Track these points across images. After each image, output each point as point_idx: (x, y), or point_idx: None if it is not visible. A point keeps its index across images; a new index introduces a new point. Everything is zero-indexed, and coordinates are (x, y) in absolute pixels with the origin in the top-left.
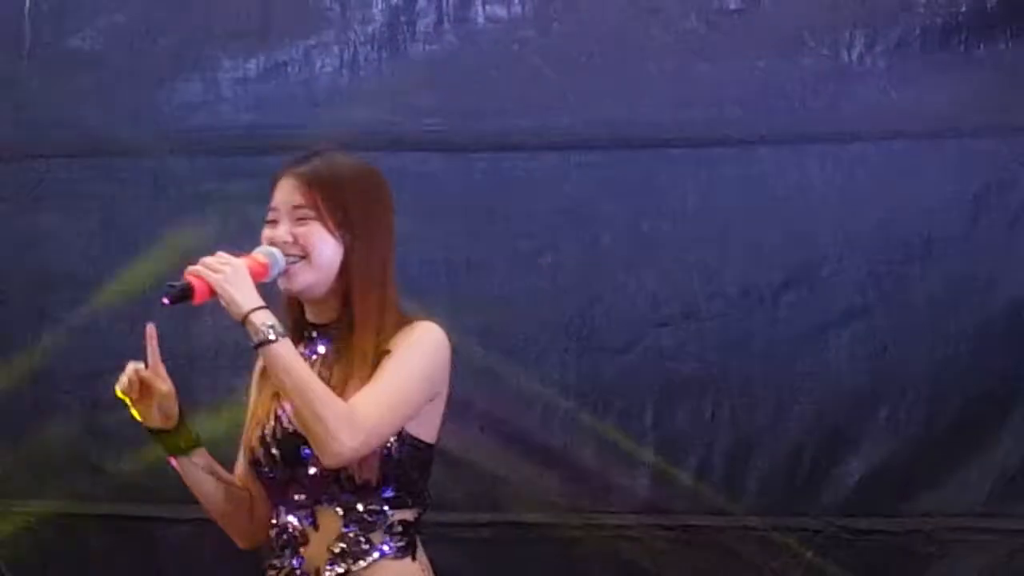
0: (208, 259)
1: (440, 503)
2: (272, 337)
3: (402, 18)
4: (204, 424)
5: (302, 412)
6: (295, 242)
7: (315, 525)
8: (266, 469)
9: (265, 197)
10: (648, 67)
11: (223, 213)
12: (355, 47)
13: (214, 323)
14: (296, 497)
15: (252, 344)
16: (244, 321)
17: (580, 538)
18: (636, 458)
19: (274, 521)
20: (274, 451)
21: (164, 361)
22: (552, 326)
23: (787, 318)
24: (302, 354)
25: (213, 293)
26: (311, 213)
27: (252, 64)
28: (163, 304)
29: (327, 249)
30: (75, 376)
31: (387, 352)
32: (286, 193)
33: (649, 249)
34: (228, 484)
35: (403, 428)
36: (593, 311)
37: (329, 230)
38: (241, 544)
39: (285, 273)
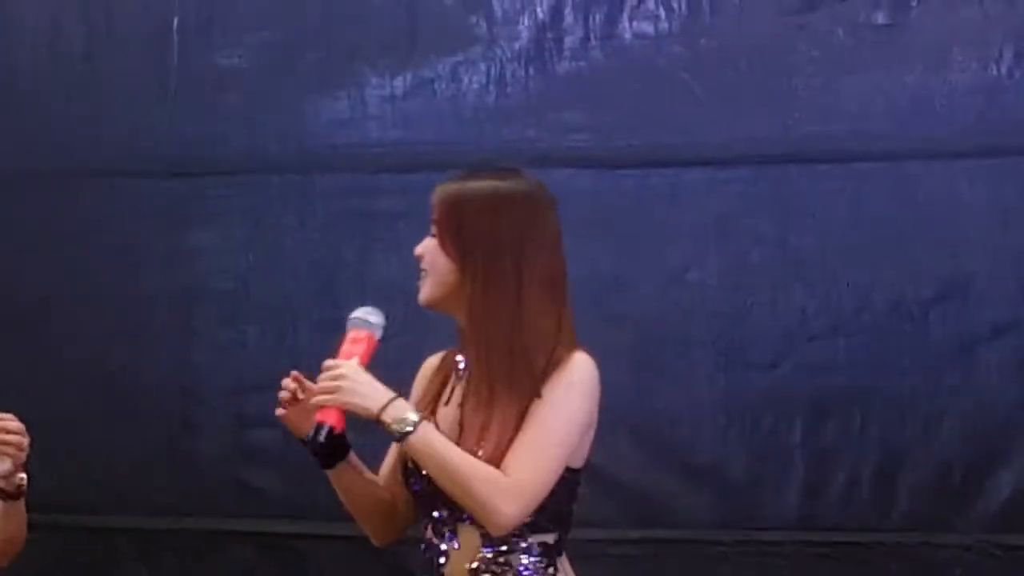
0: (320, 384)
1: (590, 520)
2: (409, 429)
3: (549, 34)
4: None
5: (454, 493)
6: (423, 256)
7: (456, 543)
8: (412, 481)
9: (411, 213)
10: (795, 82)
11: (369, 230)
12: (502, 64)
13: None
14: (438, 514)
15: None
16: (378, 423)
17: (729, 555)
18: (785, 474)
19: (422, 539)
20: (420, 466)
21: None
22: (700, 342)
23: (937, 332)
24: (460, 370)
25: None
26: (435, 229)
27: (399, 81)
28: (317, 456)
29: (440, 265)
30: (223, 392)
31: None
32: (433, 206)
33: (797, 264)
34: (373, 485)
35: None
36: (741, 327)
37: (444, 247)
38: (375, 541)
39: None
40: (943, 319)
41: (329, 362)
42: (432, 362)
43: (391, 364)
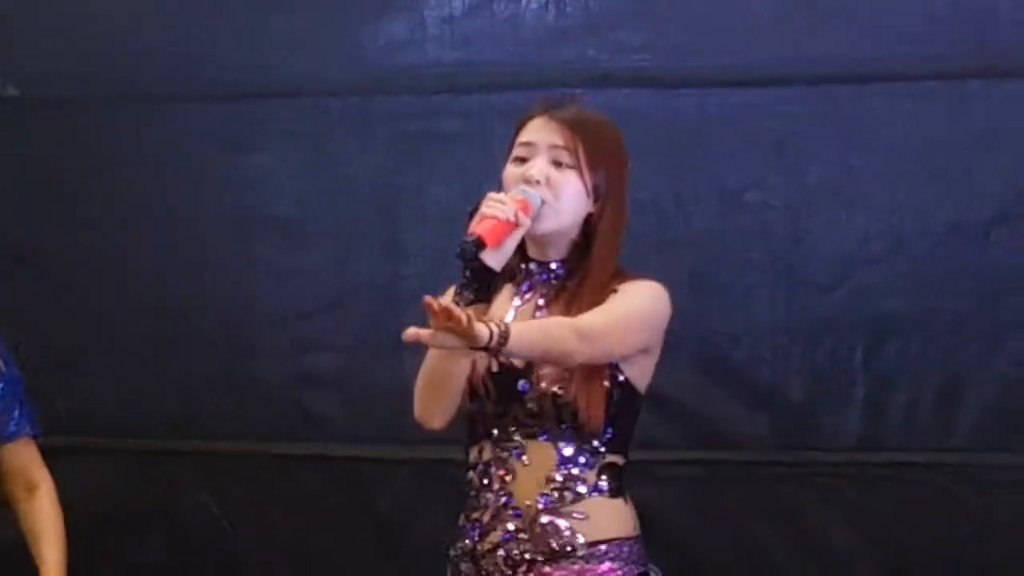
0: (491, 198)
1: (650, 442)
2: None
3: None
4: None
5: (533, 355)
6: (547, 184)
7: (525, 461)
8: (474, 401)
9: (471, 135)
10: (856, 1)
11: (430, 152)
12: None
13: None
14: (508, 432)
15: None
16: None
17: (789, 476)
18: (846, 395)
19: (475, 463)
20: (489, 385)
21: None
22: (760, 264)
23: (997, 254)
24: (516, 290)
25: (504, 234)
26: (570, 160)
27: (458, 2)
28: (463, 266)
29: (577, 201)
30: (284, 317)
31: (614, 291)
32: (546, 132)
33: (857, 185)
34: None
35: (623, 373)
36: (801, 248)
37: (584, 180)
38: (439, 423)
39: None
40: (1004, 240)
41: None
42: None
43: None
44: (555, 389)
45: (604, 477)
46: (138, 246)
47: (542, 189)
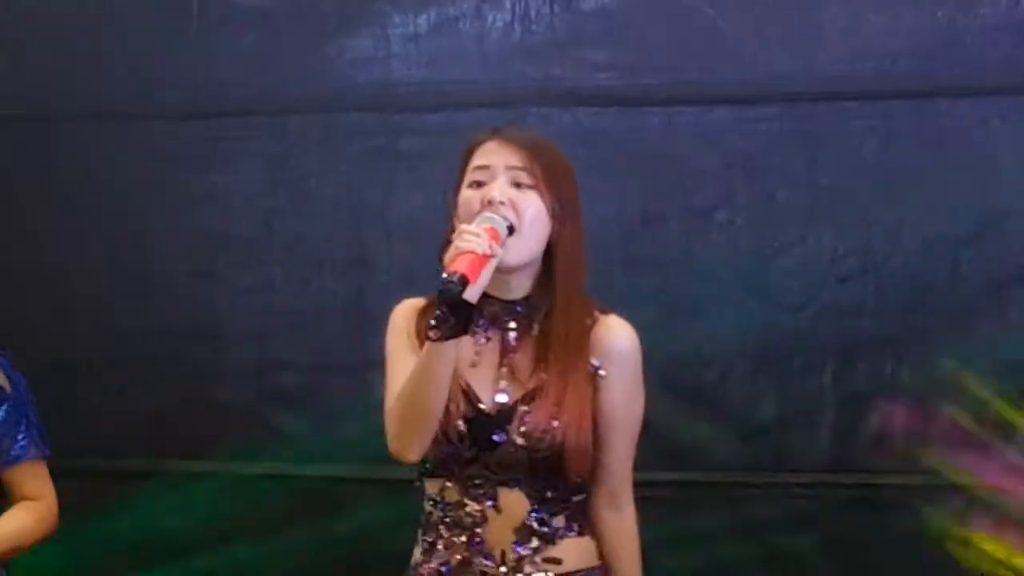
0: (465, 232)
1: None
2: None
3: None
4: None
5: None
6: (510, 204)
7: (496, 507)
8: (446, 445)
9: (435, 153)
10: (822, 19)
11: (394, 169)
12: (527, 1)
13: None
14: (476, 478)
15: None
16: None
17: (759, 496)
18: (815, 416)
19: (436, 498)
20: (462, 428)
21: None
22: (728, 283)
23: (968, 273)
24: (477, 330)
25: (481, 267)
26: (529, 180)
27: (423, 19)
28: (441, 306)
29: (540, 222)
30: (248, 336)
31: (597, 370)
32: (502, 154)
33: (826, 204)
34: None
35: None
36: (769, 267)
37: (545, 202)
38: (415, 455)
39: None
40: (974, 260)
41: (466, 227)
42: (415, 304)
43: None
44: (534, 444)
45: (575, 520)
46: (99, 264)
47: (506, 210)
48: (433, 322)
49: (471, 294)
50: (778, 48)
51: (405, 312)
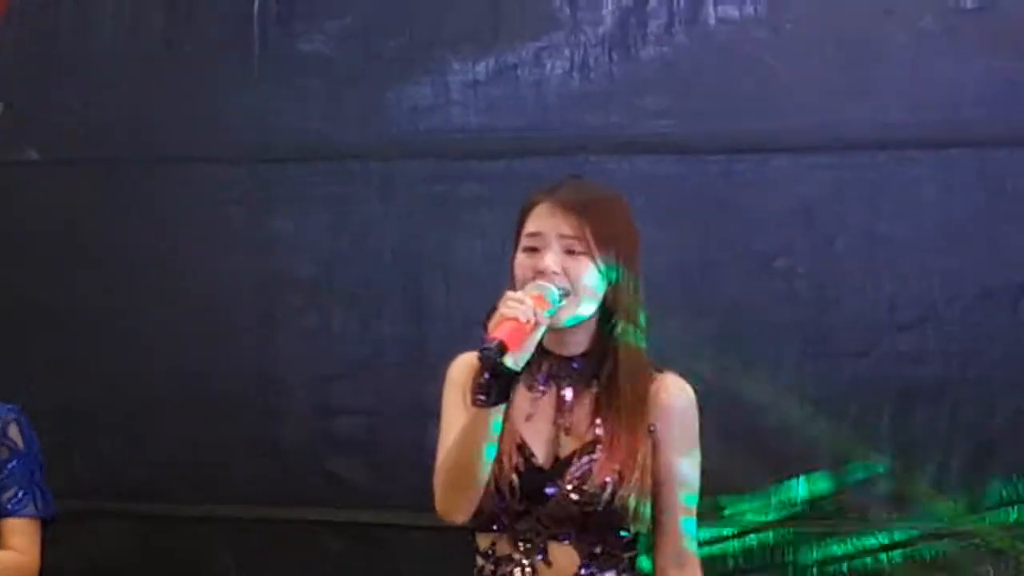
0: (510, 299)
1: None
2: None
3: (632, 19)
4: None
5: None
6: (564, 274)
7: (546, 561)
8: (498, 499)
9: (494, 199)
10: (883, 68)
11: (453, 216)
12: (585, 49)
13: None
14: (529, 532)
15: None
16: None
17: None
18: (874, 463)
19: (488, 551)
20: (514, 481)
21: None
22: (787, 330)
23: None
24: (532, 384)
25: (525, 335)
26: (581, 247)
27: (482, 67)
28: (484, 372)
29: (593, 283)
30: (307, 380)
31: (650, 427)
32: (553, 221)
33: (886, 252)
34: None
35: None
36: (829, 315)
37: (597, 265)
38: (463, 517)
39: None
40: None
41: (513, 293)
42: (471, 360)
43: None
44: (587, 498)
45: (624, 573)
46: (158, 308)
47: (560, 279)
48: (477, 388)
49: (514, 361)
50: (838, 95)
51: (461, 367)
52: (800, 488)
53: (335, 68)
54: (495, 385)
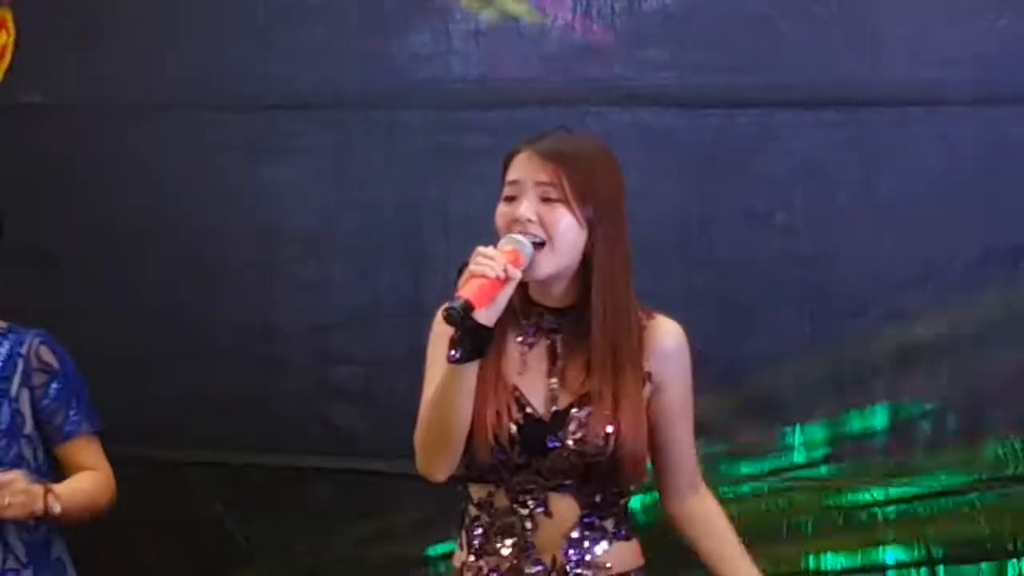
0: (479, 255)
1: None
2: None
3: None
4: None
5: None
6: (539, 222)
7: (547, 512)
8: (498, 451)
9: (495, 150)
10: (887, 25)
11: (454, 166)
12: (588, 0)
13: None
14: (529, 484)
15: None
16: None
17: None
18: (869, 419)
19: (483, 501)
20: (514, 434)
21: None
22: (785, 286)
23: None
24: (523, 337)
25: (495, 291)
26: (557, 194)
27: (484, 16)
28: (453, 326)
29: (571, 234)
30: (305, 330)
31: (647, 375)
32: (529, 169)
33: (886, 210)
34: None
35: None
36: (828, 272)
37: (574, 214)
38: (443, 475)
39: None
40: None
41: (483, 248)
42: None
43: None
44: (588, 449)
45: (623, 523)
46: (158, 254)
47: (534, 227)
48: (450, 344)
49: (485, 317)
50: (841, 52)
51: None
52: (796, 442)
53: (336, 17)
54: (467, 341)
